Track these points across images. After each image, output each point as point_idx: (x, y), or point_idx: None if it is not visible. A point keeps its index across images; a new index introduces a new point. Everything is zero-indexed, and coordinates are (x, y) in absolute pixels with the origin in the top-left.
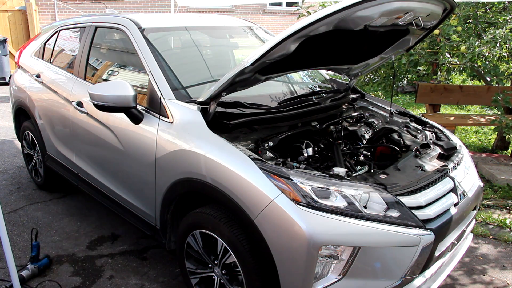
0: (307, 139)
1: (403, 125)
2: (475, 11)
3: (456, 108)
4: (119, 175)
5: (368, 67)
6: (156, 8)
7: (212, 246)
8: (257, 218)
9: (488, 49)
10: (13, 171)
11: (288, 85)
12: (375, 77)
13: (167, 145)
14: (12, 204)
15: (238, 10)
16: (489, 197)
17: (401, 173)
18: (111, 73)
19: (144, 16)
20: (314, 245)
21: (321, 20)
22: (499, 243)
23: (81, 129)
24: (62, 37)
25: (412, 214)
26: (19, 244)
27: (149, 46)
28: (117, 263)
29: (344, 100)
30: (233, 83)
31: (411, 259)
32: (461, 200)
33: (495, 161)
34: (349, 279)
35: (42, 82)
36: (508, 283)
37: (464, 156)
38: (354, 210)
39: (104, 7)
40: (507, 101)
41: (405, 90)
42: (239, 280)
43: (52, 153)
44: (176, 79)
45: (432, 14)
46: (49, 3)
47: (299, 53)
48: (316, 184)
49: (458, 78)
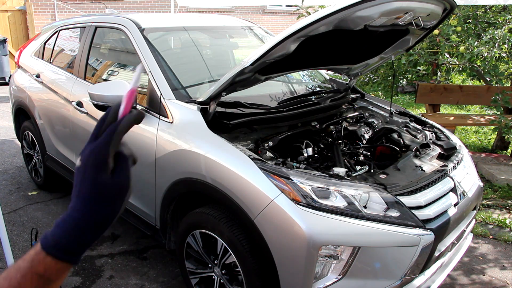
0: (307, 139)
1: (403, 125)
2: (474, 11)
3: (456, 108)
4: None
5: (368, 67)
6: (156, 8)
7: (212, 246)
8: (257, 218)
9: (486, 50)
10: (13, 171)
11: (288, 85)
12: (375, 77)
13: (167, 145)
14: (12, 204)
15: (238, 10)
16: (489, 197)
17: (401, 173)
18: (111, 73)
19: (144, 16)
20: (314, 245)
21: (321, 20)
22: (499, 243)
23: (81, 129)
24: (62, 37)
25: (412, 214)
26: (19, 244)
27: (149, 46)
28: (117, 263)
29: (344, 100)
30: (233, 83)
31: (411, 259)
32: (461, 200)
33: (495, 161)
34: (349, 279)
35: (42, 82)
36: (507, 283)
37: (464, 156)
38: (354, 210)
39: (104, 7)
40: (506, 101)
41: (405, 90)
42: (239, 280)
43: (52, 153)
44: (176, 79)
45: (432, 14)
46: (49, 3)
47: (299, 53)
48: (316, 184)
49: (458, 78)
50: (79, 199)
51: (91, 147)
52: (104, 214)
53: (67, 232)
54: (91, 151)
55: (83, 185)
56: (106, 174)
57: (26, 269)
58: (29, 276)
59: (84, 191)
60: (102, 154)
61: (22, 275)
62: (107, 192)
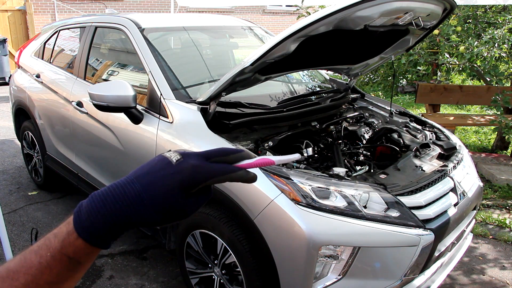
0: (307, 139)
1: (403, 125)
2: (474, 11)
3: (456, 108)
4: (119, 175)
5: (368, 67)
6: (156, 8)
7: (212, 246)
8: (257, 218)
9: (486, 50)
10: (13, 171)
11: (288, 85)
12: (375, 77)
13: (167, 145)
14: (12, 204)
15: (238, 10)
16: (489, 197)
17: (401, 173)
18: (111, 73)
19: (144, 16)
20: (314, 245)
21: (321, 20)
22: (499, 243)
23: (81, 129)
24: (62, 37)
25: (412, 214)
26: (19, 244)
27: (149, 46)
28: (117, 263)
29: (344, 100)
30: (233, 83)
31: (411, 259)
32: (461, 200)
33: (495, 161)
34: (349, 279)
35: (42, 82)
36: (507, 283)
37: (464, 156)
38: (354, 210)
39: (104, 7)
40: (506, 101)
41: (405, 90)
42: (239, 280)
43: (52, 153)
44: (176, 79)
45: (432, 14)
46: (49, 3)
47: (299, 53)
48: (316, 184)
49: (458, 78)
50: (139, 182)
51: (199, 163)
52: (148, 217)
53: (103, 216)
54: (196, 166)
55: (157, 179)
56: (184, 192)
57: (56, 249)
58: (59, 257)
59: (151, 184)
60: (201, 177)
61: (52, 255)
62: (169, 204)
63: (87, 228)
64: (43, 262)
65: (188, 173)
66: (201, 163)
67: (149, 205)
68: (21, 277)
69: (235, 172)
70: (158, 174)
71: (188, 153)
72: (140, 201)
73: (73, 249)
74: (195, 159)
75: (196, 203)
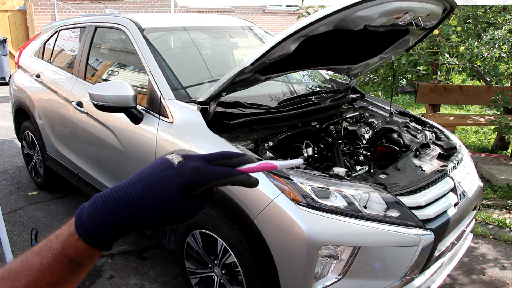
0: (307, 139)
1: (403, 125)
2: (474, 11)
3: (456, 108)
4: (119, 175)
5: (368, 67)
6: (156, 8)
7: (212, 246)
8: (257, 218)
9: (486, 50)
10: (13, 171)
11: (288, 85)
12: (375, 77)
13: (167, 145)
14: (12, 204)
15: (238, 10)
16: (489, 197)
17: (401, 173)
18: (111, 73)
19: (144, 16)
20: (314, 245)
21: (321, 20)
22: (499, 243)
23: (81, 129)
24: (62, 37)
25: (412, 214)
26: (19, 244)
27: (149, 46)
28: (117, 263)
29: (344, 100)
30: (233, 83)
31: (411, 259)
32: (461, 200)
33: (495, 161)
34: (349, 279)
35: (42, 82)
36: (507, 283)
37: (464, 156)
38: (354, 210)
39: (104, 7)
40: (506, 101)
41: (405, 90)
42: (239, 280)
43: (52, 153)
44: (176, 79)
45: (432, 14)
46: (49, 3)
47: (299, 53)
48: (316, 184)
49: (458, 78)
50: (140, 184)
51: (201, 165)
52: (149, 219)
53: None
54: (198, 168)
55: (158, 181)
56: (186, 194)
57: (57, 250)
58: (60, 258)
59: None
60: (203, 180)
61: (53, 256)
62: (170, 207)
63: (88, 229)
64: (44, 264)
65: (189, 175)
66: (202, 166)
67: (150, 207)
68: (22, 278)
69: (236, 176)
70: (160, 176)
71: (190, 156)
72: (142, 203)
73: (74, 251)
74: (197, 161)
75: (198, 205)
